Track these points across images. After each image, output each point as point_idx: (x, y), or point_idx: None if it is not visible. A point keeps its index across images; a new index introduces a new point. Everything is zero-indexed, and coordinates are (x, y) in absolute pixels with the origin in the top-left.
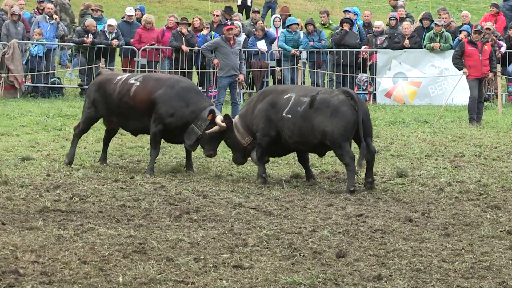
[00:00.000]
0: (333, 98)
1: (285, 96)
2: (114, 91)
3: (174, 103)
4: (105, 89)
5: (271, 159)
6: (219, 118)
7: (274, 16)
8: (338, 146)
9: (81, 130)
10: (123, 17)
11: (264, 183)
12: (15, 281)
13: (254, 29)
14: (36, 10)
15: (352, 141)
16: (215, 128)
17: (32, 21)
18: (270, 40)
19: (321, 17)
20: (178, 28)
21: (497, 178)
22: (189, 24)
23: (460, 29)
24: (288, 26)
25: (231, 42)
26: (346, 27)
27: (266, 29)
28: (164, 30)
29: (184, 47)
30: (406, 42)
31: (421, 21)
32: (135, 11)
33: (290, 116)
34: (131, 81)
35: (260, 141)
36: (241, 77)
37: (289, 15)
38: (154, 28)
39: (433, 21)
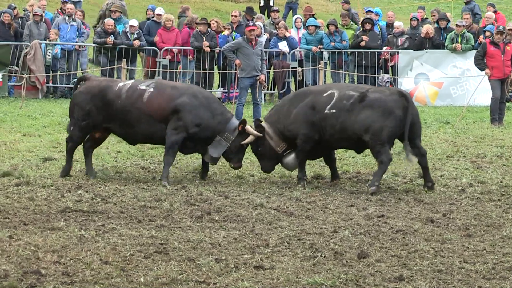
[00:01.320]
0: (387, 98)
1: (325, 94)
2: (119, 97)
3: (200, 113)
4: (105, 96)
5: None
6: (251, 128)
7: (295, 17)
8: (381, 145)
9: (76, 143)
10: (153, 17)
11: (304, 187)
12: (37, 282)
13: (275, 30)
14: (59, 10)
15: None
16: (251, 138)
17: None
18: (291, 46)
19: (342, 20)
20: (197, 28)
21: None
22: (209, 25)
23: (484, 29)
24: (307, 27)
25: (253, 43)
26: (367, 27)
27: (288, 34)
28: (189, 31)
29: (206, 48)
30: (424, 31)
31: (437, 22)
32: (147, 11)
33: (334, 111)
34: (142, 87)
35: (303, 148)
36: (262, 77)
37: (313, 15)
38: (174, 28)
39: (449, 21)
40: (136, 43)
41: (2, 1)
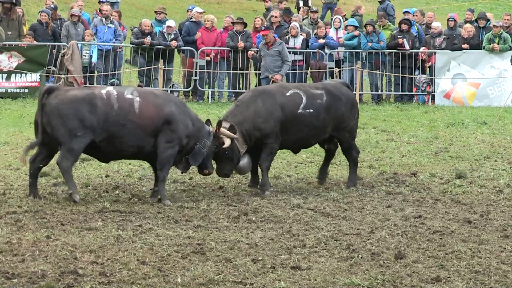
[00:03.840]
0: (347, 90)
1: (288, 94)
2: (111, 107)
3: (187, 122)
4: (96, 105)
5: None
6: (225, 130)
7: (334, 17)
8: (353, 138)
9: (76, 157)
10: (191, 17)
11: (269, 194)
12: (74, 282)
13: (311, 29)
14: (98, 11)
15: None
16: (229, 140)
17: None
18: (331, 46)
19: (379, 21)
20: (234, 28)
21: None
22: (245, 25)
23: None
24: (346, 27)
25: (269, 44)
26: (404, 28)
27: (327, 40)
28: (221, 31)
29: (240, 44)
30: (466, 46)
31: (476, 21)
32: (187, 11)
33: (312, 110)
34: (128, 95)
35: (273, 148)
36: (277, 76)
37: (344, 15)
38: (215, 28)
39: (488, 20)
40: (173, 43)
41: (40, 1)
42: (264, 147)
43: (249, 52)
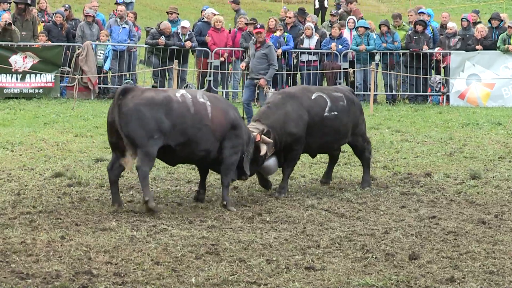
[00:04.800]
0: (355, 96)
1: (313, 97)
2: (188, 110)
3: (245, 127)
4: (173, 108)
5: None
6: (265, 137)
7: (348, 18)
8: (364, 141)
9: (152, 162)
10: (203, 18)
11: (284, 197)
12: (89, 282)
13: (330, 31)
14: (115, 11)
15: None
16: (265, 147)
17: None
18: (344, 45)
19: (394, 21)
20: (247, 29)
21: None
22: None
23: None
24: (356, 28)
25: (257, 45)
26: (419, 29)
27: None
28: (236, 31)
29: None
30: (479, 47)
31: (489, 21)
32: (201, 12)
33: (336, 113)
34: (201, 99)
35: (299, 154)
36: (261, 81)
37: (361, 17)
38: (223, 29)
39: (502, 20)
40: (188, 44)
41: (55, 2)
42: (290, 151)
43: (241, 64)
